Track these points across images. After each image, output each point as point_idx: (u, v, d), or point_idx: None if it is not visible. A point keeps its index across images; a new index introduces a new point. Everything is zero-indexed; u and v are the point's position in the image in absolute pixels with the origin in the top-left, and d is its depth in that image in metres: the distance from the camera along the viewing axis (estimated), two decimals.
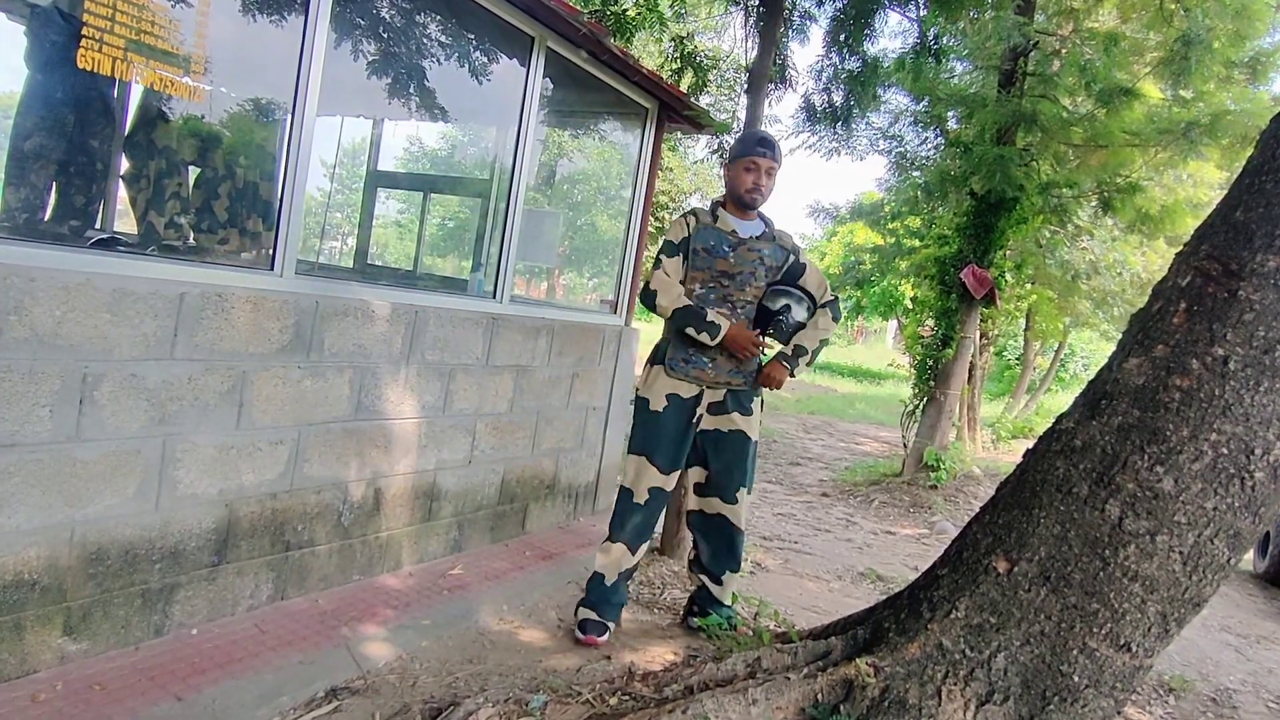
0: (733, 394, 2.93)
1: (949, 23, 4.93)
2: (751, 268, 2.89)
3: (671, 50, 5.20)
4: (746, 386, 2.94)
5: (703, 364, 2.87)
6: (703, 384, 2.90)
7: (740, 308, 2.89)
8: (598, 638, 2.86)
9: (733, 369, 2.89)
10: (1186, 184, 9.45)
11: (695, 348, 2.86)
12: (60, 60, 2.70)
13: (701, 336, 2.80)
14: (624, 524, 2.94)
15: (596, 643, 2.85)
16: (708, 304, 2.86)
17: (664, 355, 2.92)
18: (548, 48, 3.59)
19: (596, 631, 2.87)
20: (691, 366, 2.87)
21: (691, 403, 2.91)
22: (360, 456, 2.98)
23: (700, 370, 2.87)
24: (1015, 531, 2.06)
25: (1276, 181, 1.90)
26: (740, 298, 2.89)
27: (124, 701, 2.05)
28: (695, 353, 2.87)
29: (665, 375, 2.91)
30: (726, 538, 3.01)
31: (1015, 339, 15.63)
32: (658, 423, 2.90)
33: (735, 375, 2.90)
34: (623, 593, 3.00)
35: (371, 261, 6.80)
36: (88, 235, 2.75)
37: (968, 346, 7.06)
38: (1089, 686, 1.92)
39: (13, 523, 2.04)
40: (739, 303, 2.89)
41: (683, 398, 2.90)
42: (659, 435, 2.90)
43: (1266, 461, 1.84)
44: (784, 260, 2.95)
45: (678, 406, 2.89)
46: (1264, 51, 6.38)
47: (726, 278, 2.87)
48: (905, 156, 7.78)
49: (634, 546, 2.96)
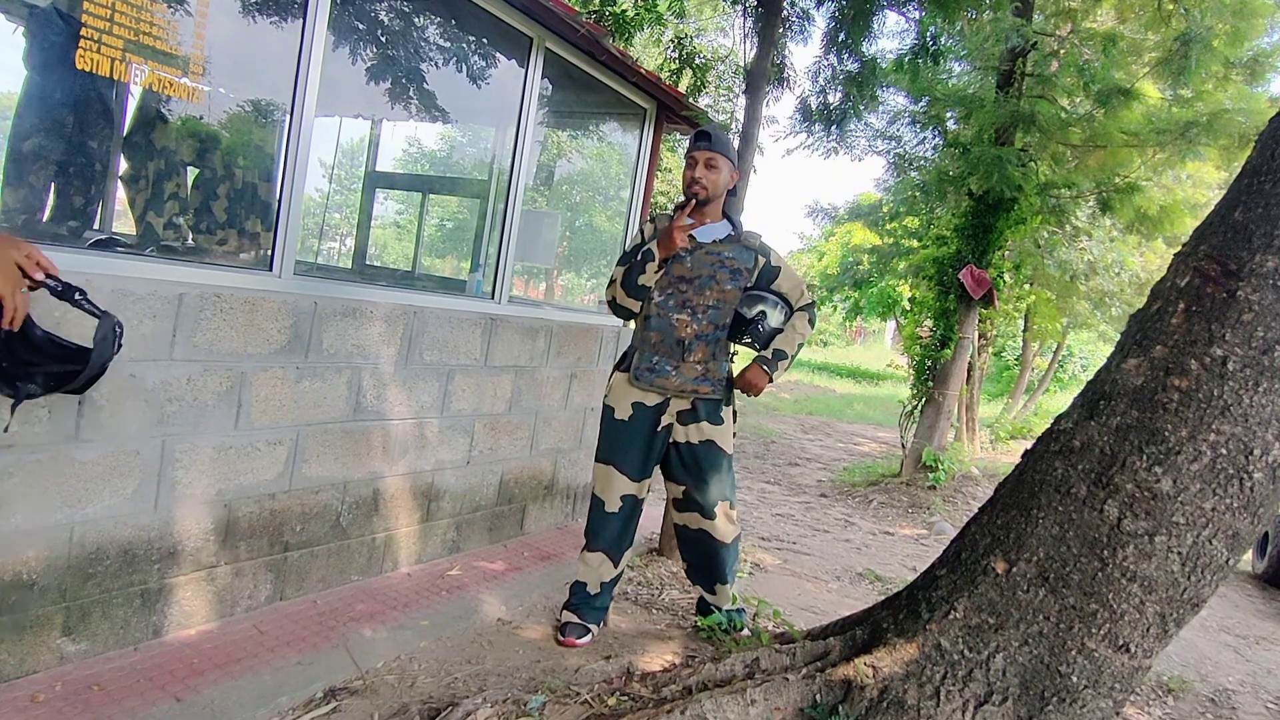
0: (701, 402, 2.87)
1: (947, 23, 4.92)
2: (710, 270, 2.81)
3: (670, 51, 5.20)
4: (715, 395, 2.87)
5: (665, 372, 2.81)
6: (667, 393, 2.84)
7: (701, 312, 2.81)
8: (577, 639, 2.86)
9: (698, 376, 2.82)
10: (1185, 184, 9.46)
11: (659, 355, 2.82)
12: (59, 61, 2.70)
13: (649, 267, 2.75)
14: (598, 533, 2.93)
15: (576, 644, 2.84)
16: (666, 309, 2.82)
17: (629, 363, 2.89)
18: (546, 48, 3.59)
19: (577, 634, 2.87)
20: (655, 375, 2.82)
21: (656, 410, 2.86)
22: (359, 457, 2.98)
23: (664, 379, 2.82)
24: (1014, 532, 2.06)
25: (1275, 182, 1.91)
26: (700, 302, 2.81)
27: (123, 702, 2.05)
28: (660, 360, 2.82)
29: (629, 384, 2.87)
30: (710, 552, 2.97)
31: (1014, 339, 15.64)
32: (623, 430, 2.87)
33: (703, 383, 2.83)
34: (606, 598, 2.99)
35: (370, 262, 6.80)
36: (86, 236, 2.75)
37: (966, 347, 7.07)
38: (1087, 687, 1.92)
39: (12, 523, 2.04)
40: (699, 307, 2.81)
41: (647, 405, 2.86)
42: (625, 443, 2.87)
43: (1265, 462, 1.84)
44: (753, 263, 2.87)
45: (642, 414, 2.86)
46: (1263, 51, 6.38)
47: (684, 282, 2.81)
48: (903, 157, 7.78)
49: (614, 556, 2.94)
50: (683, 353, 2.81)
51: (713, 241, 2.85)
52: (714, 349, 2.84)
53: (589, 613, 2.93)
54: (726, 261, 2.83)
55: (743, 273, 2.85)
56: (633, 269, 2.79)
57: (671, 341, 2.82)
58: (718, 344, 2.84)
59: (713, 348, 2.83)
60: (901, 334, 7.94)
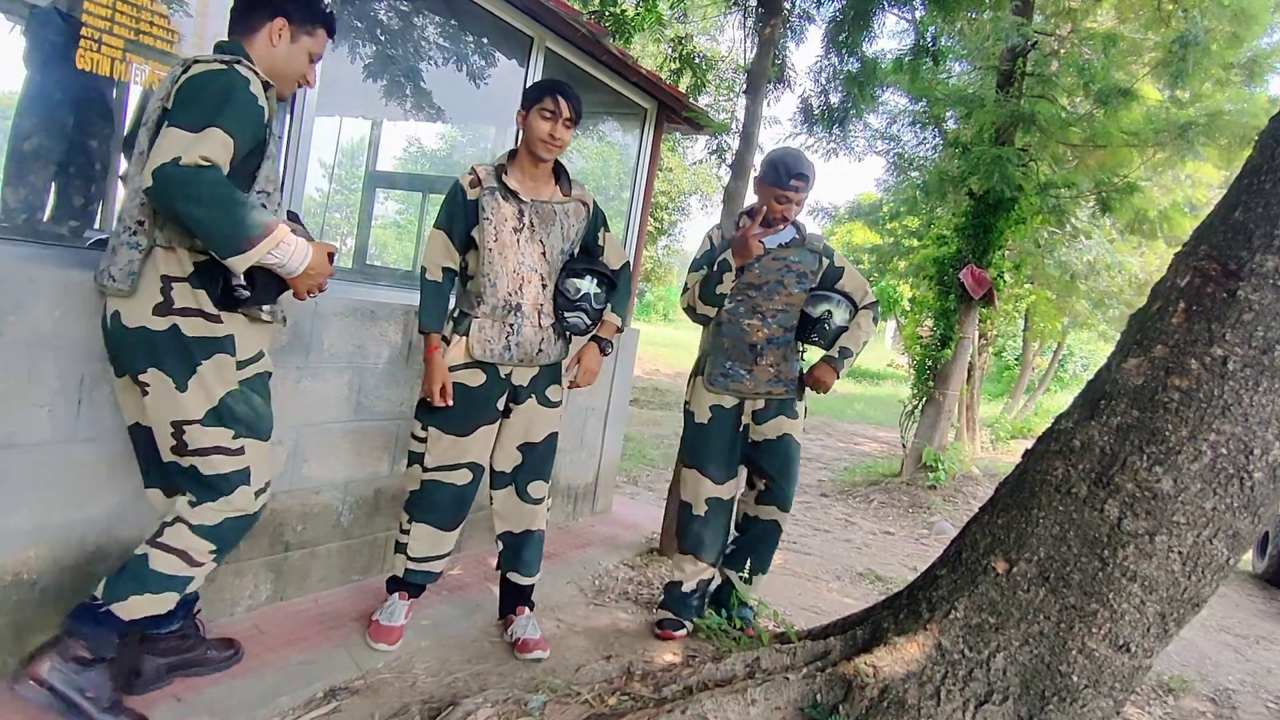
0: (775, 400, 2.94)
1: (947, 23, 4.93)
2: (778, 276, 2.88)
3: (670, 51, 5.21)
4: (789, 395, 2.94)
5: (740, 376, 2.88)
6: (742, 396, 2.91)
7: (771, 316, 2.88)
8: (674, 632, 2.99)
9: (771, 379, 2.89)
10: (1185, 184, 9.46)
11: (733, 360, 2.88)
12: (59, 60, 2.70)
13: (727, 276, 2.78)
14: (687, 536, 3.05)
15: (674, 636, 2.98)
16: (737, 316, 2.88)
17: (704, 368, 2.96)
18: (547, 48, 3.59)
19: (673, 627, 3.00)
20: (730, 380, 2.89)
21: (734, 412, 2.94)
22: (359, 457, 2.98)
23: (739, 383, 2.89)
24: (1014, 532, 2.06)
25: (1275, 182, 1.91)
26: (769, 307, 2.88)
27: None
28: (734, 365, 2.88)
29: (705, 389, 2.94)
30: (771, 541, 3.08)
31: (1014, 339, 15.64)
32: (704, 434, 2.95)
33: (776, 385, 2.90)
34: (699, 597, 3.11)
35: (370, 262, 6.80)
36: (86, 235, 2.75)
37: (966, 347, 7.07)
38: (1088, 687, 1.92)
39: (12, 523, 2.04)
40: (768, 312, 2.88)
41: (725, 407, 2.93)
42: (707, 446, 2.96)
43: (1265, 462, 1.84)
44: (817, 265, 2.94)
45: (721, 416, 2.93)
46: (1262, 53, 6.38)
47: (753, 288, 2.88)
48: (903, 157, 7.78)
49: (705, 557, 3.03)
50: (755, 357, 2.88)
51: (779, 246, 2.91)
52: (785, 351, 2.91)
53: (683, 610, 3.05)
54: (793, 266, 2.90)
55: (808, 275, 2.92)
56: (709, 278, 2.84)
57: (744, 346, 2.88)
58: (788, 345, 2.92)
59: (783, 350, 2.90)
60: (902, 333, 7.94)
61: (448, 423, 2.53)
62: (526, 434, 2.64)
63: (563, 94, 2.48)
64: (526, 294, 2.51)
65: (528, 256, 2.50)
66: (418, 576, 2.65)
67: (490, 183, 2.48)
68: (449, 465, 2.55)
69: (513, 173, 2.52)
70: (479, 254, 2.49)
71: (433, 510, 2.58)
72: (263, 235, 1.76)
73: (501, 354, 2.51)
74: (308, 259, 1.89)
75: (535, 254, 2.52)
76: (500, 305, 2.49)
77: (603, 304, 2.64)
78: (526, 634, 2.72)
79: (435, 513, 2.59)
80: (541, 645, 2.71)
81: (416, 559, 2.61)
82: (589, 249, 2.69)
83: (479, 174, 2.49)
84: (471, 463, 2.57)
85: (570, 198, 2.60)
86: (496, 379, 2.55)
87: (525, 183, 2.53)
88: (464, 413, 2.53)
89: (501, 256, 2.47)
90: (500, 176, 2.49)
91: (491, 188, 2.47)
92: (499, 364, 2.53)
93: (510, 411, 2.62)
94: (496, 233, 2.46)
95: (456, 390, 2.50)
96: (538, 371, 2.62)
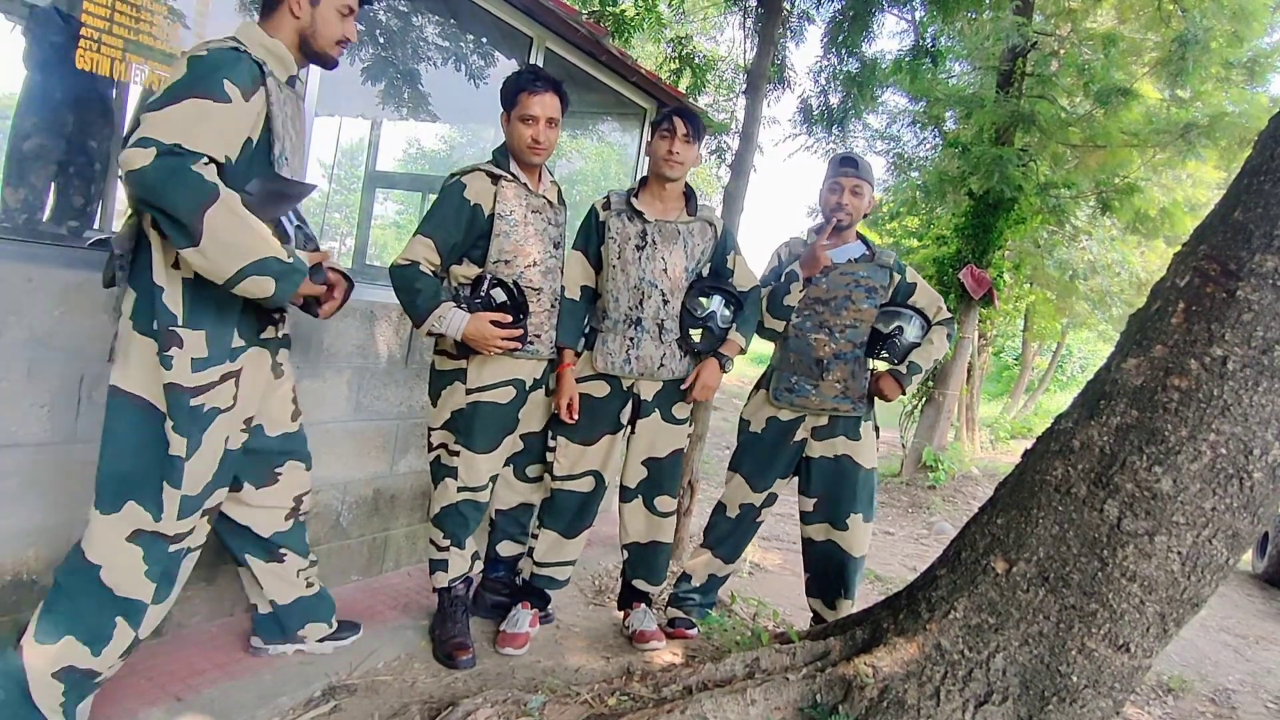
0: (839, 418, 2.88)
1: (946, 23, 4.93)
2: (846, 291, 2.83)
3: (670, 51, 5.21)
4: (855, 413, 2.86)
5: (805, 392, 2.83)
6: (806, 410, 2.87)
7: (838, 332, 2.83)
8: (686, 630, 2.99)
9: (838, 394, 2.83)
10: (1185, 184, 9.47)
11: (798, 375, 2.84)
12: (59, 61, 2.70)
13: (794, 287, 2.78)
14: (712, 531, 3.07)
15: (686, 635, 2.98)
16: (803, 330, 2.84)
17: (769, 381, 2.93)
18: (546, 48, 3.59)
19: (685, 625, 3.01)
20: (795, 395, 2.85)
21: (791, 425, 2.90)
22: (359, 457, 2.98)
23: (804, 399, 2.84)
24: (1014, 532, 2.06)
25: (1275, 182, 1.91)
26: (837, 322, 2.83)
27: (122, 702, 2.04)
28: (799, 380, 2.84)
29: (768, 402, 2.92)
30: (836, 564, 2.94)
31: (1013, 339, 15.65)
32: (754, 442, 2.96)
33: (843, 401, 2.84)
34: (711, 595, 3.13)
35: (370, 262, 6.80)
36: (86, 236, 2.75)
37: (966, 347, 7.08)
38: (1088, 687, 1.92)
39: (12, 523, 2.04)
40: (835, 327, 2.83)
41: (781, 420, 2.90)
42: (752, 454, 2.96)
43: (1265, 462, 1.84)
44: (888, 280, 2.89)
45: (775, 428, 2.92)
46: (1262, 52, 6.38)
47: (820, 303, 2.84)
48: (903, 157, 7.80)
49: (725, 556, 3.06)
50: (821, 372, 2.83)
51: (848, 261, 2.88)
52: (853, 367, 2.84)
53: (693, 608, 3.07)
54: (862, 281, 2.85)
55: (878, 291, 2.87)
56: (777, 290, 2.82)
57: (810, 361, 2.83)
58: (857, 362, 2.84)
59: (852, 366, 2.84)
60: None
61: (574, 432, 2.69)
62: (651, 449, 2.77)
63: (679, 115, 2.65)
64: (647, 309, 2.64)
65: (648, 273, 2.64)
66: (541, 581, 2.80)
67: (620, 205, 2.68)
68: (575, 474, 2.72)
69: (643, 196, 2.71)
70: (604, 271, 2.68)
71: (559, 518, 2.75)
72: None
73: (622, 366, 2.65)
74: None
75: (656, 270, 2.65)
76: (622, 319, 2.65)
77: (729, 324, 2.72)
78: (644, 625, 2.88)
79: (560, 520, 2.75)
80: (658, 636, 2.87)
81: (541, 563, 2.78)
82: (718, 270, 2.79)
83: (610, 198, 2.72)
84: (595, 471, 2.73)
85: (696, 218, 2.73)
86: (620, 391, 2.69)
87: (653, 204, 2.69)
88: (589, 423, 2.68)
89: (623, 272, 2.64)
90: (630, 200, 2.68)
91: (620, 209, 2.67)
92: (621, 376, 2.67)
93: (635, 426, 2.75)
94: (620, 250, 2.64)
95: (582, 401, 2.65)
96: (661, 387, 2.73)
